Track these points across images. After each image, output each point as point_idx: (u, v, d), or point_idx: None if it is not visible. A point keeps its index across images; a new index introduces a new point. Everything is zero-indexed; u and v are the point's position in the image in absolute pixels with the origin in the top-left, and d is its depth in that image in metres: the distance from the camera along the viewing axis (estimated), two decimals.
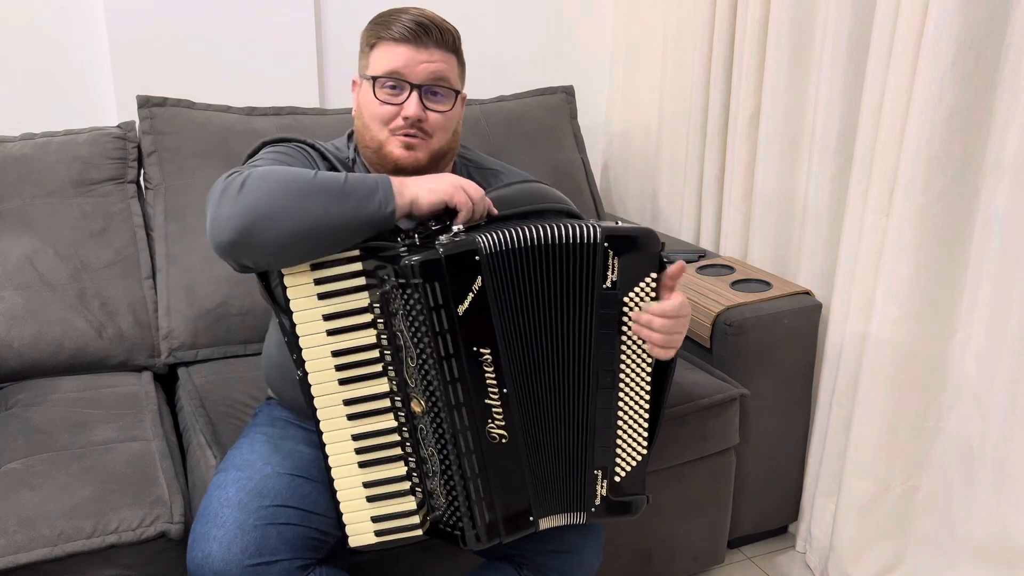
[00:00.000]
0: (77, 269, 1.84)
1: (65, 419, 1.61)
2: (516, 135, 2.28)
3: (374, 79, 1.35)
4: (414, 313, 1.19)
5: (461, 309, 1.20)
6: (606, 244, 1.23)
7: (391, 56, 1.34)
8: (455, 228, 1.23)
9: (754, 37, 2.12)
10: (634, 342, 1.28)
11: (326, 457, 1.26)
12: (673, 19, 2.44)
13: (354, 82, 1.43)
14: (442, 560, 1.55)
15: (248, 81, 2.27)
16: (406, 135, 1.35)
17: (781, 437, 2.01)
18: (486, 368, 1.22)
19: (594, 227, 1.24)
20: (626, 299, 1.26)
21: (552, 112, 2.39)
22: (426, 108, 1.35)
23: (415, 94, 1.34)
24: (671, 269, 1.27)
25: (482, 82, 2.54)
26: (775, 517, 2.10)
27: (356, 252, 1.21)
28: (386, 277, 1.20)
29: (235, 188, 1.17)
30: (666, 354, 1.29)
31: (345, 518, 1.27)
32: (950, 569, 1.82)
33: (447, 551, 1.54)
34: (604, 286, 1.25)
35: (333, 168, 1.38)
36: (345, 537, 1.34)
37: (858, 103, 1.88)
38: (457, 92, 1.39)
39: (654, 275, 1.26)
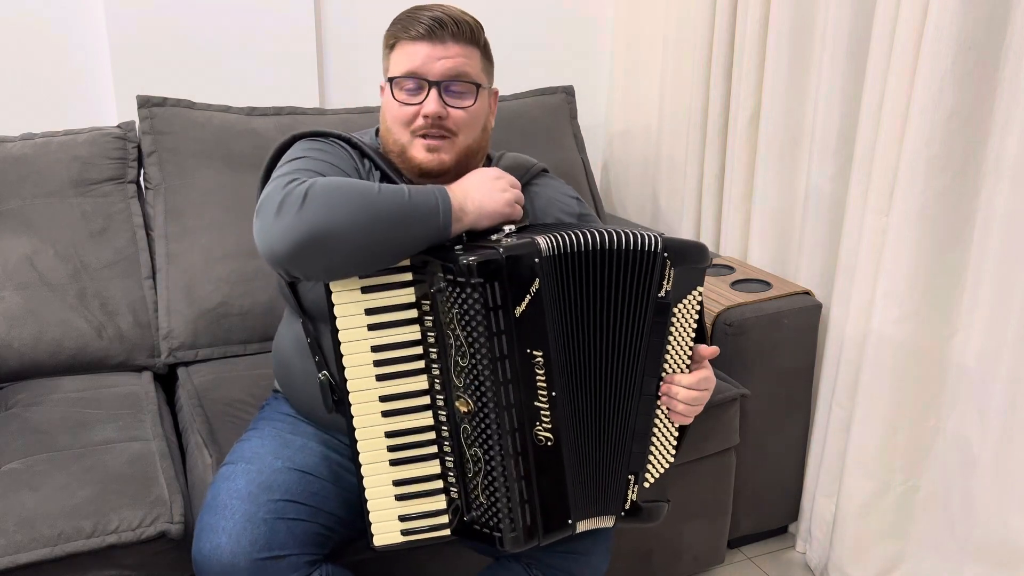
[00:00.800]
0: (77, 269, 1.84)
1: (65, 419, 1.61)
2: (516, 135, 2.28)
3: (392, 80, 1.34)
4: (471, 313, 1.17)
5: (518, 311, 1.19)
6: (665, 254, 1.25)
7: (408, 55, 1.32)
8: (506, 228, 1.24)
9: (754, 37, 2.12)
10: (677, 353, 1.30)
11: (357, 454, 1.24)
12: (673, 19, 2.44)
13: (381, 87, 1.41)
14: (443, 560, 1.55)
15: (248, 81, 2.27)
16: (427, 136, 1.33)
17: (781, 437, 2.01)
18: (537, 371, 1.22)
19: (653, 237, 1.25)
20: (675, 309, 1.27)
21: (552, 112, 2.39)
22: (447, 105, 1.33)
23: (434, 91, 1.31)
24: (704, 350, 1.31)
25: None
26: (775, 517, 2.10)
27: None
28: (438, 275, 1.18)
29: (296, 199, 1.15)
30: (686, 421, 1.33)
31: (371, 516, 1.25)
32: (950, 569, 1.82)
33: (448, 551, 1.54)
34: (659, 295, 1.26)
35: (372, 163, 1.36)
36: (348, 536, 1.34)
37: (858, 103, 1.88)
38: (479, 86, 1.35)
39: (701, 288, 1.29)
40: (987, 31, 1.60)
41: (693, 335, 1.31)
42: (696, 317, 1.31)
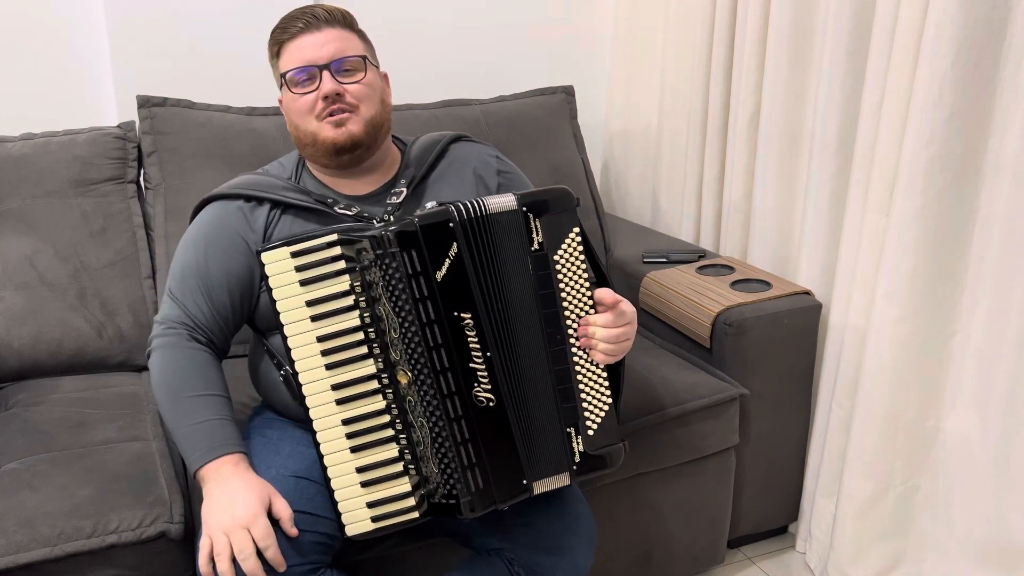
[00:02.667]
0: (77, 269, 1.84)
1: (65, 419, 1.61)
2: (516, 135, 2.28)
3: (284, 75, 1.42)
4: (393, 282, 1.25)
5: (439, 275, 1.25)
6: (524, 209, 1.29)
7: (295, 52, 1.40)
8: (429, 205, 1.29)
9: (754, 37, 2.12)
10: (575, 298, 1.32)
11: (318, 445, 1.27)
12: (673, 19, 2.44)
13: (280, 101, 1.48)
14: (443, 561, 1.55)
15: (248, 81, 2.26)
16: (331, 114, 1.38)
17: (781, 437, 2.01)
18: (468, 332, 1.27)
19: (511, 196, 1.30)
20: (556, 257, 1.30)
21: (552, 112, 2.39)
22: (340, 83, 1.39)
23: (326, 73, 1.38)
24: (604, 297, 1.32)
25: (482, 82, 2.54)
26: (775, 517, 2.10)
27: (335, 236, 1.26)
28: (365, 251, 1.25)
29: (147, 360, 1.40)
30: (613, 359, 1.33)
31: (340, 507, 1.28)
32: (950, 569, 1.82)
33: (444, 553, 1.54)
34: (532, 248, 1.29)
35: (272, 203, 1.42)
36: (346, 542, 1.34)
37: (858, 103, 1.88)
38: (364, 58, 1.42)
39: (577, 229, 1.31)
40: (987, 31, 1.60)
41: (585, 275, 1.32)
42: (582, 259, 1.32)
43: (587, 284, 1.32)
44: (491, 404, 1.28)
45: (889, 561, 1.91)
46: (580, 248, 1.32)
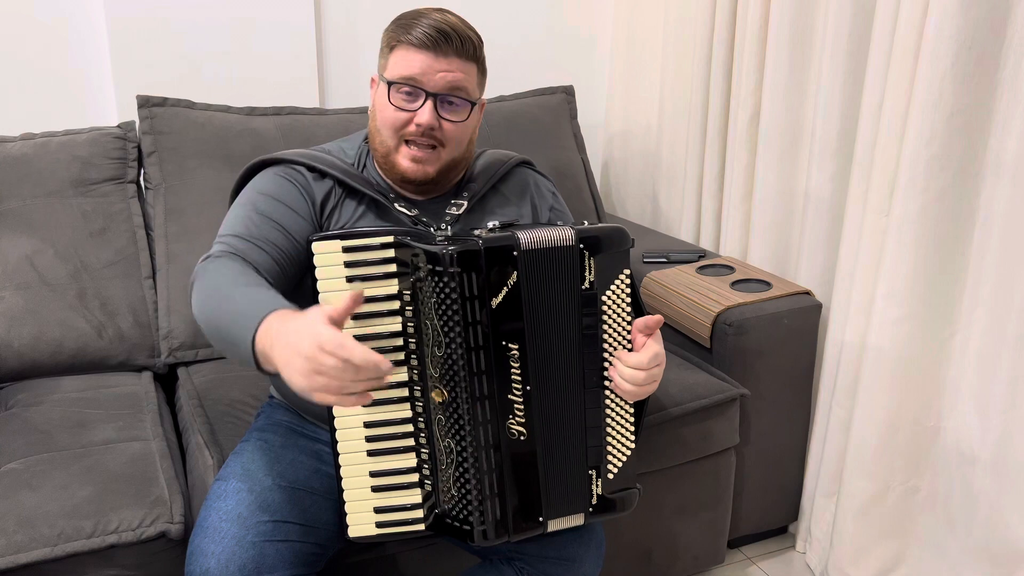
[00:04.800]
0: (77, 269, 1.84)
1: (65, 419, 1.61)
2: (516, 135, 2.29)
3: (390, 84, 1.34)
4: (448, 302, 1.19)
5: (495, 302, 1.21)
6: (581, 246, 1.26)
7: (409, 61, 1.32)
8: (490, 224, 1.25)
9: (754, 37, 2.12)
10: (615, 340, 1.30)
11: (335, 443, 1.25)
12: (673, 19, 2.44)
13: (373, 79, 1.41)
14: (443, 561, 1.55)
15: (248, 81, 2.27)
16: (416, 145, 1.34)
17: (781, 437, 2.01)
18: (512, 364, 1.24)
19: (569, 230, 1.26)
20: (604, 297, 1.28)
21: (552, 112, 2.39)
22: (440, 117, 1.33)
23: (430, 102, 1.32)
24: (649, 320, 1.28)
25: None
26: (775, 517, 2.10)
27: (390, 238, 1.21)
28: (420, 264, 1.20)
29: (190, 288, 1.23)
30: (639, 399, 1.31)
31: (347, 506, 1.26)
32: (950, 569, 1.82)
33: (448, 554, 1.54)
34: (583, 287, 1.27)
35: (336, 181, 1.37)
36: (343, 548, 1.34)
37: (858, 103, 1.88)
38: (473, 103, 1.37)
39: (628, 271, 1.29)
40: (987, 31, 1.60)
41: (629, 319, 1.31)
42: (628, 301, 1.31)
43: (629, 328, 1.31)
44: (522, 438, 1.26)
45: (889, 561, 1.91)
46: (628, 291, 1.30)
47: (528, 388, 1.25)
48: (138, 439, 1.57)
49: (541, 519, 1.28)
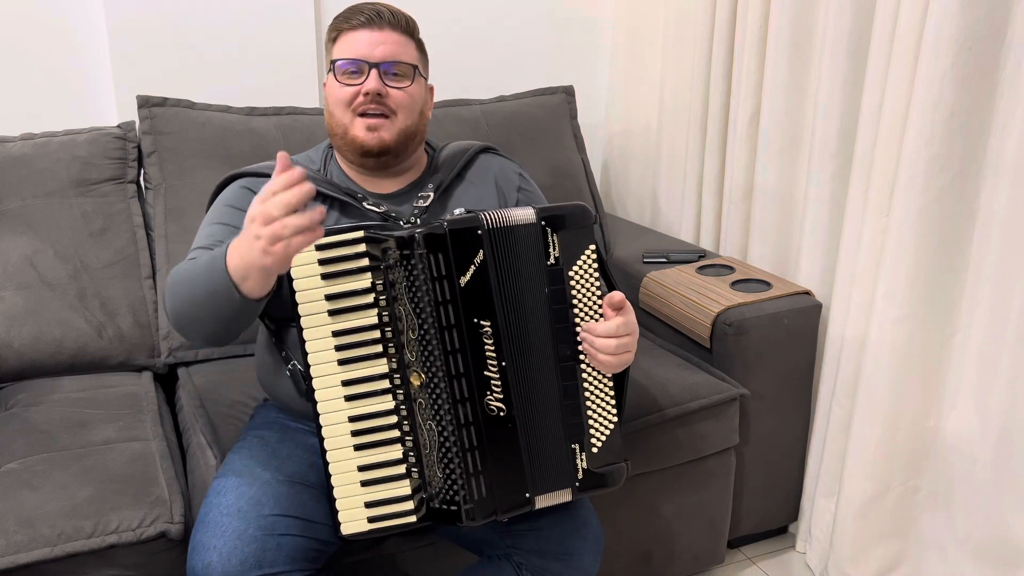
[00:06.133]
0: (77, 269, 1.84)
1: (65, 419, 1.61)
2: (516, 135, 2.29)
3: (334, 63, 1.42)
4: (418, 283, 1.25)
5: (463, 281, 1.26)
6: (543, 223, 1.29)
7: (351, 43, 1.41)
8: (457, 211, 1.30)
9: (754, 37, 2.12)
10: (586, 314, 1.32)
11: (322, 440, 1.27)
12: (673, 19, 2.44)
13: (325, 84, 1.48)
14: (442, 560, 1.55)
15: (248, 81, 2.27)
16: (369, 115, 1.40)
17: (781, 437, 2.01)
18: (486, 341, 1.27)
19: (531, 209, 1.31)
20: (571, 272, 1.31)
21: (552, 112, 2.39)
22: (386, 85, 1.40)
23: (374, 72, 1.39)
24: (614, 297, 1.31)
25: (482, 82, 2.54)
26: (775, 517, 2.10)
27: (361, 233, 1.25)
28: (390, 250, 1.24)
29: (162, 296, 1.31)
30: (615, 370, 1.33)
31: (338, 504, 1.27)
32: (950, 569, 1.82)
33: (447, 553, 1.54)
34: (548, 263, 1.30)
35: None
36: (343, 546, 1.34)
37: (858, 103, 1.88)
38: (415, 67, 1.44)
39: (593, 246, 1.32)
40: (987, 31, 1.60)
41: (598, 293, 1.33)
42: (596, 276, 1.33)
43: (600, 302, 1.32)
44: (501, 414, 1.28)
45: (889, 561, 1.91)
46: (595, 266, 1.32)
47: (503, 364, 1.28)
48: (138, 439, 1.57)
49: (528, 495, 1.30)
